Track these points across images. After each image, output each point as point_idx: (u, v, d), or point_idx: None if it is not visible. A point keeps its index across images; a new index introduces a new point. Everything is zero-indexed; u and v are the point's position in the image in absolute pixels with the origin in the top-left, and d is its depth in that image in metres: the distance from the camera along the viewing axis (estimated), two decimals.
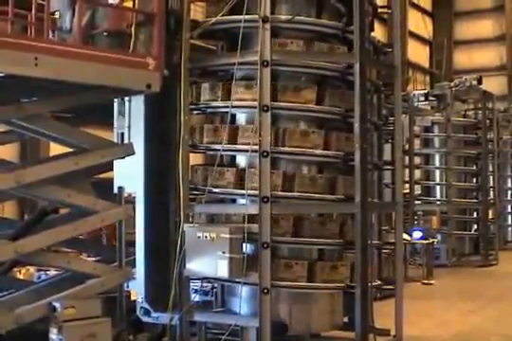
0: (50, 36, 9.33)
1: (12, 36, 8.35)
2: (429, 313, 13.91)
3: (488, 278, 20.08)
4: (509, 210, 30.03)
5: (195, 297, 10.48)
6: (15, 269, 11.92)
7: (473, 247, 24.45)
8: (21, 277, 12.52)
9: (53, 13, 9.77)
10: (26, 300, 8.91)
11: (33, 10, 9.26)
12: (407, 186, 21.98)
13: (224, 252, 9.32)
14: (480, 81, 24.12)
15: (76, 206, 9.35)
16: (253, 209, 9.54)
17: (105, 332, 8.77)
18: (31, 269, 12.74)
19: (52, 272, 11.56)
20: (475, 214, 24.77)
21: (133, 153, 9.57)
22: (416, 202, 23.24)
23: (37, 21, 9.36)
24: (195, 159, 11.22)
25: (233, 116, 10.37)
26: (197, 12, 11.68)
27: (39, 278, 11.78)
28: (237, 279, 9.61)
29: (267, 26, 9.64)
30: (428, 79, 42.13)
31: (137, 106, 10.11)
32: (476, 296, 16.42)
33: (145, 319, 10.17)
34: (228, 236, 9.31)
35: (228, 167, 10.30)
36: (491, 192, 25.34)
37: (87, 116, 10.84)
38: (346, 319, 10.70)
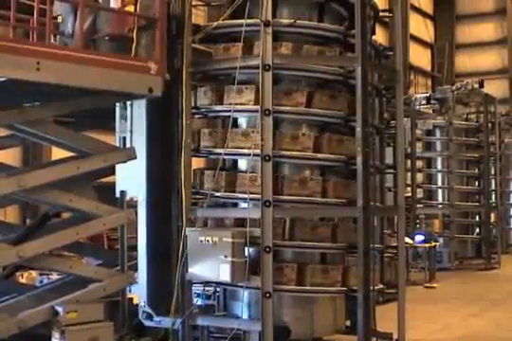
0: (52, 41, 9.36)
1: (14, 41, 8.36)
2: (432, 316, 13.89)
3: (491, 282, 20.06)
4: (511, 214, 30.00)
5: (197, 301, 10.47)
6: (17, 273, 11.93)
7: (475, 251, 24.43)
8: (23, 281, 12.53)
9: (55, 18, 9.80)
10: (28, 305, 8.92)
11: (35, 15, 9.27)
12: (409, 189, 21.96)
13: (226, 256, 9.31)
14: (481, 85, 24.13)
15: (78, 211, 9.36)
16: (255, 213, 9.54)
17: (107, 336, 8.78)
18: (33, 273, 12.76)
19: (54, 276, 11.57)
20: (477, 217, 24.77)
21: (135, 158, 9.58)
22: (418, 205, 23.22)
23: (39, 25, 9.38)
24: (197, 163, 11.25)
25: (235, 119, 10.37)
26: (199, 16, 11.71)
27: (41, 282, 11.78)
28: (239, 283, 9.60)
29: (269, 30, 9.65)
30: (429, 82, 42.16)
31: (138, 110, 10.11)
32: (479, 299, 16.40)
33: (147, 323, 10.16)
34: (230, 240, 9.30)
35: (230, 171, 10.31)
36: (493, 196, 25.32)
37: (89, 121, 10.85)
38: (348, 323, 10.70)
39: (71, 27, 9.63)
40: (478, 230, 24.64)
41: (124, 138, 10.36)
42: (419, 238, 19.89)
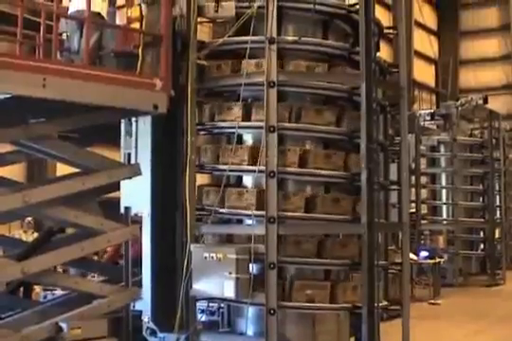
0: (58, 57, 9.40)
1: (21, 57, 8.41)
2: (437, 333, 13.83)
3: (495, 298, 19.98)
4: None
5: (202, 318, 10.46)
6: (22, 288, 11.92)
7: (480, 267, 24.35)
8: None
9: (61, 34, 9.85)
10: (32, 320, 8.92)
11: (42, 32, 9.32)
12: (413, 205, 21.93)
13: (230, 272, 9.31)
14: (486, 101, 24.13)
15: (83, 227, 9.37)
16: (260, 230, 9.54)
17: None
18: (38, 289, 12.73)
19: (58, 291, 11.55)
20: (482, 233, 24.70)
21: (140, 174, 9.60)
22: (423, 221, 23.18)
23: (45, 42, 9.43)
24: (202, 179, 11.26)
25: (240, 136, 10.39)
26: (203, 33, 11.73)
27: (45, 297, 11.77)
28: (244, 300, 9.59)
29: (274, 47, 9.70)
30: (434, 98, 42.18)
31: (143, 126, 10.14)
32: (483, 315, 16.32)
33: (151, 340, 10.13)
34: (234, 256, 9.31)
35: (235, 187, 10.32)
36: (498, 212, 25.26)
37: (94, 137, 10.87)
38: (353, 340, 10.66)
39: (77, 44, 9.68)
40: (482, 246, 24.57)
41: (129, 154, 10.39)
42: (424, 254, 19.85)
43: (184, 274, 9.72)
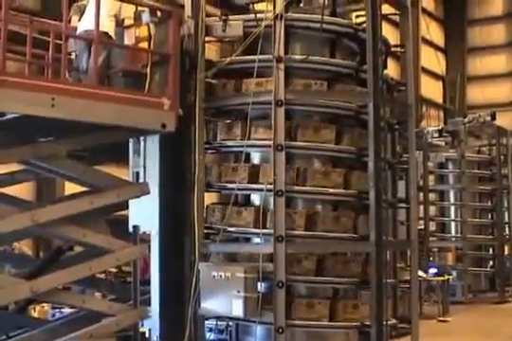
0: (67, 77, 9.45)
1: (29, 77, 8.45)
2: None
3: (505, 315, 19.84)
4: None
5: (210, 336, 10.44)
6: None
7: (489, 284, 24.24)
8: (36, 314, 12.51)
9: (70, 54, 9.90)
10: (40, 339, 8.92)
11: (50, 51, 9.37)
12: (421, 222, 21.87)
13: (239, 291, 9.30)
14: (494, 117, 24.07)
15: (91, 246, 9.37)
16: (268, 248, 9.54)
17: None
18: (46, 306, 12.74)
19: (67, 309, 11.56)
20: (491, 250, 24.61)
21: (148, 193, 9.61)
22: (431, 238, 23.10)
23: (54, 61, 9.48)
24: (210, 198, 11.27)
25: (248, 155, 10.41)
26: (211, 50, 11.79)
27: (53, 315, 11.78)
28: (252, 318, 9.57)
29: (281, 65, 9.73)
30: (441, 114, 42.16)
31: (152, 145, 10.17)
32: (493, 333, 16.20)
33: None
34: (242, 275, 9.30)
35: (244, 206, 10.32)
36: (507, 228, 25.16)
37: (103, 155, 10.90)
38: None
39: (86, 64, 9.73)
40: (491, 263, 24.48)
41: (138, 173, 10.41)
42: (432, 271, 19.78)
43: (192, 292, 9.72)
